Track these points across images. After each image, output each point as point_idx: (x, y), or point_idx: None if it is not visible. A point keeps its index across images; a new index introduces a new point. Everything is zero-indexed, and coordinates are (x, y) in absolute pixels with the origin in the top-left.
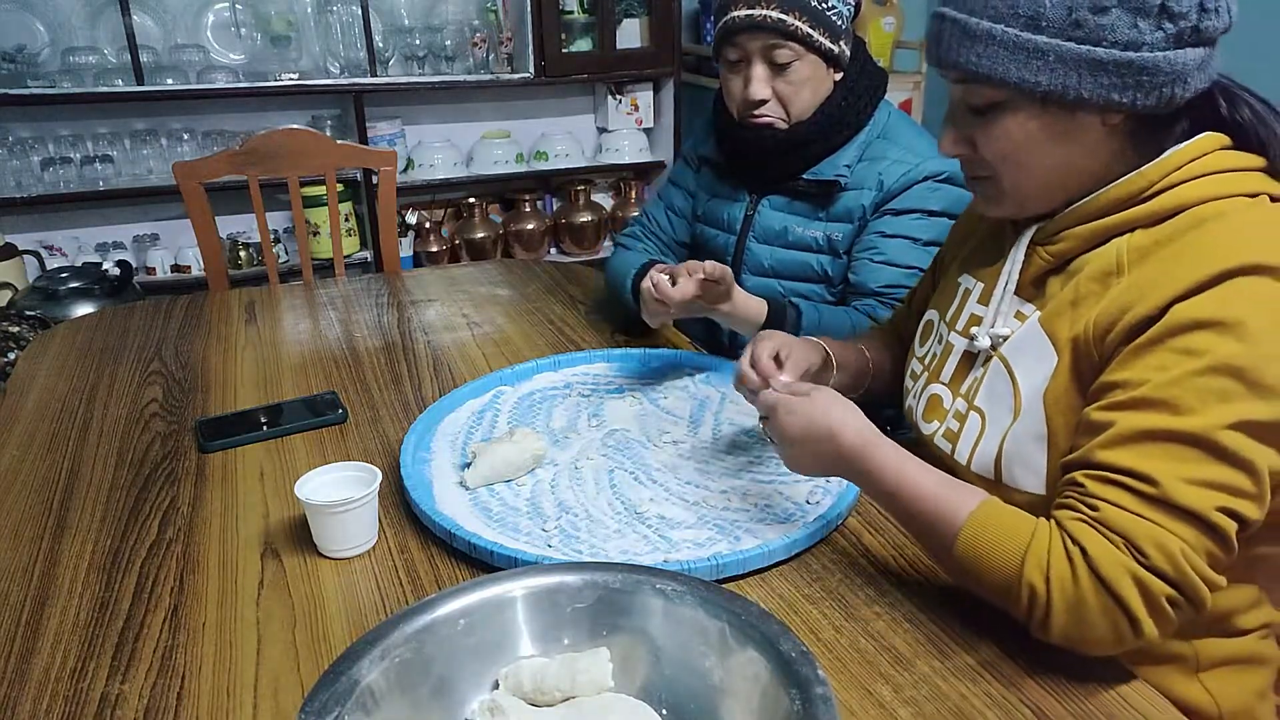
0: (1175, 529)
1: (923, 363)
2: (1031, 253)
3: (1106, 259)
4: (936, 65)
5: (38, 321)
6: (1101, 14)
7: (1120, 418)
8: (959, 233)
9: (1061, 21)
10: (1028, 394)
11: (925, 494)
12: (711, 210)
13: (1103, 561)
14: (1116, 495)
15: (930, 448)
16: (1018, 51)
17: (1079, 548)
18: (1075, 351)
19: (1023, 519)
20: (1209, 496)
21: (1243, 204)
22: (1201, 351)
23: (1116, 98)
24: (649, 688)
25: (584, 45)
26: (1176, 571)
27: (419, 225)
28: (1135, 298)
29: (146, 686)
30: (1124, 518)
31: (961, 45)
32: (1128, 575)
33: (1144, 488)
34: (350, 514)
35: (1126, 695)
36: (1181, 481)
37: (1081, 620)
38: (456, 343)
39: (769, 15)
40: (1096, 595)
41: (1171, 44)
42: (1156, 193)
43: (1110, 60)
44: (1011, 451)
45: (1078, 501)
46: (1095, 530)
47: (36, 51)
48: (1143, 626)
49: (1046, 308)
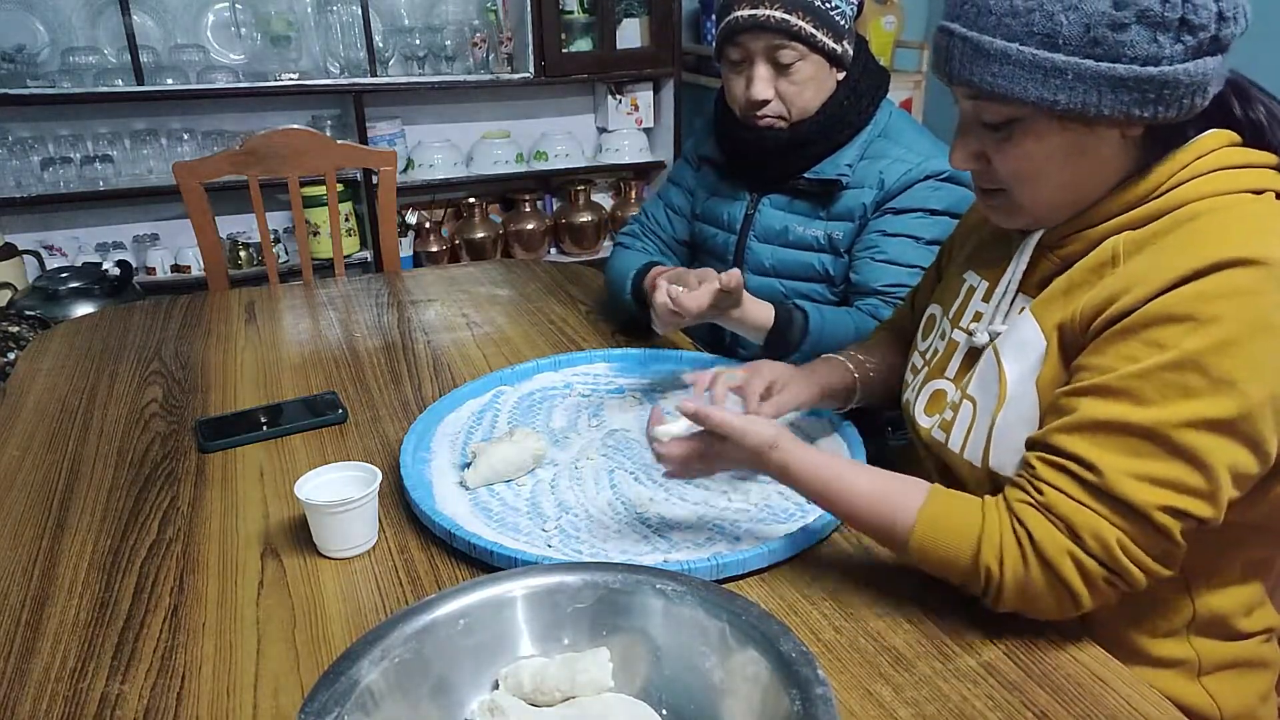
0: (1114, 520)
1: (924, 357)
2: (1039, 255)
3: (1103, 252)
4: (946, 81)
5: (38, 321)
6: (1120, 30)
7: (1081, 404)
8: (964, 228)
9: (1079, 39)
10: (1014, 379)
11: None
12: (711, 209)
13: (1046, 545)
14: (1062, 481)
15: (926, 440)
16: (1035, 71)
17: (1025, 530)
18: (1062, 337)
19: (970, 506)
20: (1154, 493)
21: (1244, 200)
22: (1169, 345)
23: (1138, 112)
24: (649, 688)
25: (584, 45)
26: (1111, 559)
27: (419, 225)
28: (1123, 288)
29: (146, 686)
30: (1066, 504)
31: (975, 64)
32: (1068, 557)
33: (1089, 476)
34: (350, 514)
35: (1129, 698)
36: (1128, 475)
37: (1030, 595)
38: (456, 343)
39: (772, 15)
40: (1042, 575)
41: (1191, 55)
42: (1162, 192)
43: (1131, 76)
44: (1001, 436)
45: (1028, 483)
46: (1040, 514)
47: (36, 51)
48: (1082, 600)
49: (1039, 296)
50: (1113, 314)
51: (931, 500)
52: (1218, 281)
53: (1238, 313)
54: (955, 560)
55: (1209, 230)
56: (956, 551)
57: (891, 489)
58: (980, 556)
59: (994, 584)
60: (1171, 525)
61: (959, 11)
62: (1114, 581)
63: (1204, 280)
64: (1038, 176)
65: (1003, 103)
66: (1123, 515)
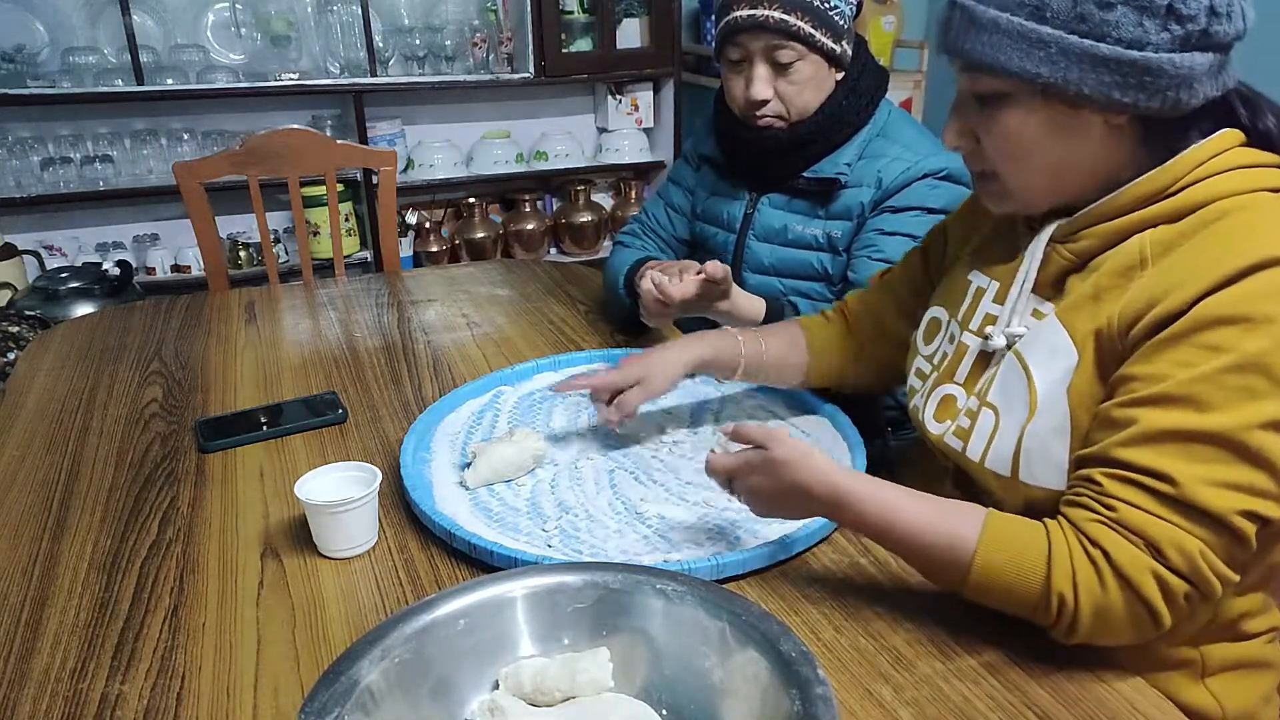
0: (1194, 530)
1: (931, 362)
2: (1051, 251)
3: (1129, 254)
4: (944, 53)
5: (38, 321)
6: (1107, 9)
7: (1141, 414)
8: (959, 227)
9: (1066, 14)
10: (1045, 389)
11: (920, 527)
12: (711, 208)
13: (1126, 563)
14: (1134, 495)
15: (940, 448)
16: (1020, 41)
17: (1100, 550)
18: (1099, 345)
19: (1034, 530)
20: (1231, 499)
21: (1266, 198)
22: (1226, 348)
23: (1119, 96)
24: (649, 688)
25: (584, 45)
26: (1194, 572)
27: (419, 225)
28: (1160, 292)
29: (146, 686)
30: (1142, 518)
31: (967, 33)
32: (1150, 574)
33: (1163, 488)
34: (350, 514)
35: (1132, 699)
36: (1202, 483)
37: (1107, 621)
38: (456, 343)
39: (771, 15)
40: (1121, 596)
41: (1178, 46)
42: (1179, 189)
43: (1113, 57)
44: (1031, 447)
45: (1094, 501)
46: (1114, 531)
47: (36, 51)
48: (1162, 619)
49: (1064, 302)
50: (1156, 319)
51: (991, 524)
52: (1264, 281)
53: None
54: (1022, 591)
55: (1241, 229)
56: (1024, 581)
57: (949, 513)
58: (1051, 583)
59: (1067, 612)
60: (1249, 530)
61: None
62: (1192, 596)
63: (1249, 280)
64: (1022, 156)
65: (989, 74)
66: (1202, 525)
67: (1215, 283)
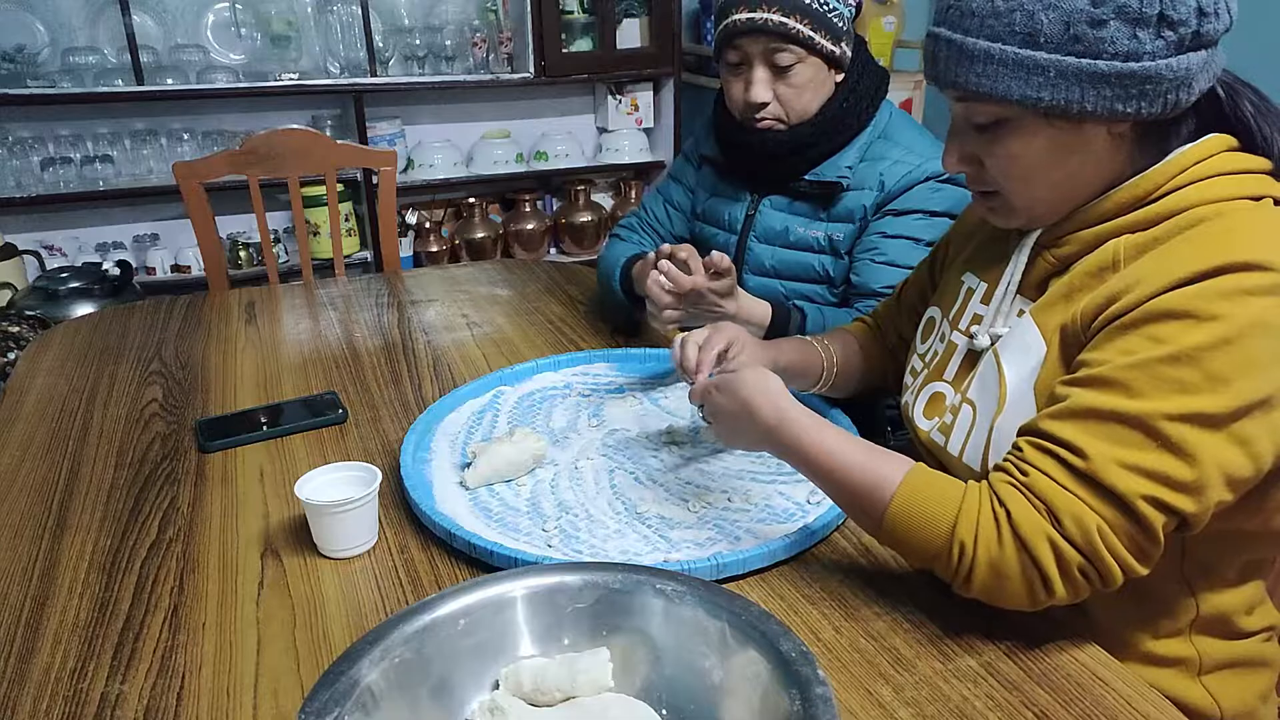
0: (1096, 506)
1: (924, 360)
2: (1036, 255)
3: (1103, 255)
4: (934, 84)
5: (38, 321)
6: (1099, 27)
7: (1074, 393)
8: (962, 230)
9: (1059, 37)
10: (1014, 384)
11: (849, 465)
12: (712, 209)
13: (1023, 523)
14: (1047, 464)
15: (926, 444)
16: (1018, 69)
17: (1004, 509)
18: (1063, 339)
19: (953, 484)
20: (1138, 483)
21: (1244, 206)
22: (1168, 340)
23: (1121, 108)
24: (649, 688)
25: (584, 45)
26: (1088, 546)
27: (419, 225)
28: (1123, 288)
29: (146, 686)
30: (1048, 485)
31: (959, 65)
32: (1045, 539)
33: (1074, 460)
34: (350, 514)
35: (1129, 698)
36: (1113, 463)
37: (1001, 576)
38: (456, 343)
39: (770, 18)
40: (1016, 554)
41: (1173, 51)
42: (1161, 196)
43: (1112, 72)
44: (999, 440)
45: (1013, 465)
46: (1021, 494)
47: (36, 51)
48: (1054, 586)
49: (1040, 302)
50: (1114, 311)
51: (914, 473)
52: (1220, 283)
53: (1238, 312)
54: (929, 535)
55: (1213, 234)
56: (932, 526)
57: (878, 460)
58: (955, 531)
59: (965, 561)
60: (1154, 517)
61: (944, 16)
62: (1088, 572)
63: (1208, 282)
64: (1029, 176)
65: (989, 102)
66: (1105, 502)
67: (1175, 281)
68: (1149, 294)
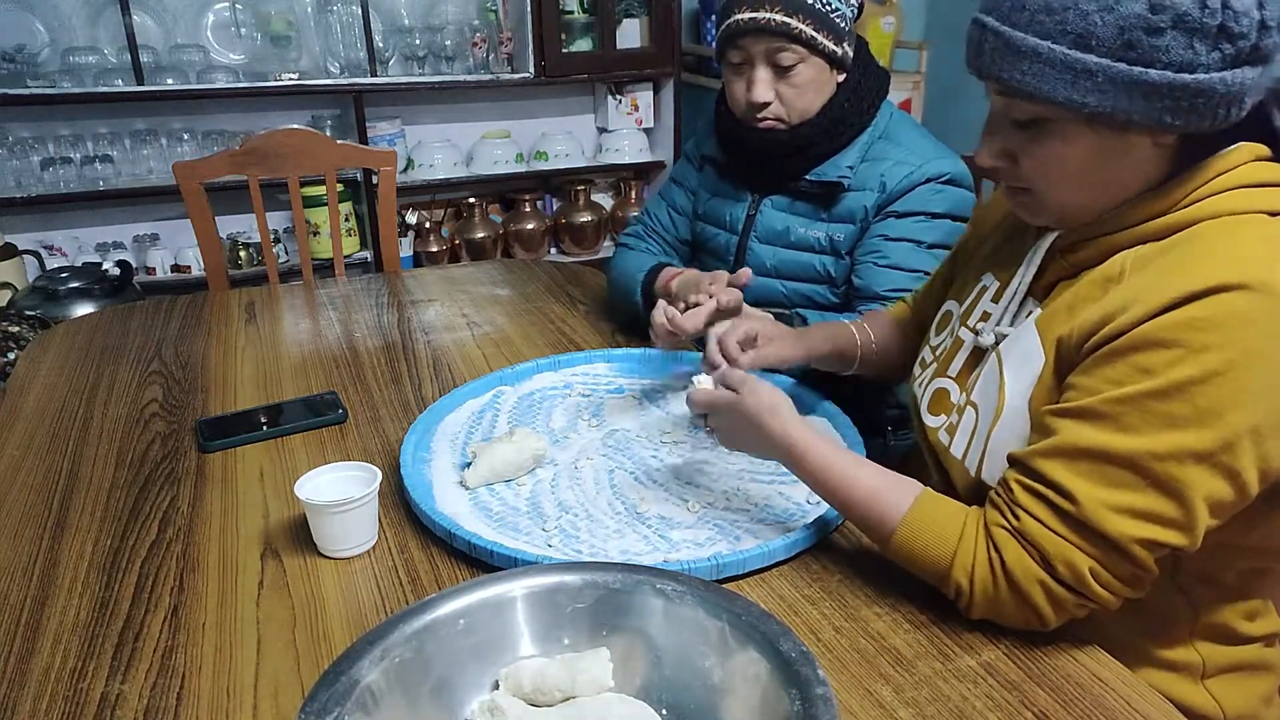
0: (1088, 550)
1: (934, 353)
2: (1050, 258)
3: (1111, 268)
4: (976, 74)
5: (38, 321)
6: (1156, 35)
7: (1064, 425)
8: (985, 226)
9: (1113, 41)
10: (1012, 394)
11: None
12: (713, 209)
13: (1017, 570)
14: (1038, 509)
15: (932, 441)
16: (1065, 71)
17: (999, 555)
18: (1059, 354)
19: (952, 520)
20: (1130, 525)
21: (1256, 220)
22: (1156, 372)
23: (1170, 120)
24: (649, 688)
25: (584, 45)
26: (1081, 586)
27: (419, 225)
28: (1116, 308)
29: (146, 686)
30: (1039, 531)
31: (1005, 59)
32: (1037, 583)
33: (1064, 505)
34: (350, 514)
35: (1131, 700)
36: (1104, 506)
37: (998, 612)
38: (456, 343)
39: (772, 18)
40: (1010, 597)
41: (1228, 64)
42: (1179, 206)
43: (1164, 83)
44: (994, 450)
45: (1005, 507)
46: (1014, 539)
47: (36, 51)
48: (1048, 620)
49: (1047, 309)
50: (1105, 335)
51: (917, 506)
52: (1212, 307)
53: (1228, 342)
54: (931, 568)
55: (1210, 250)
56: (933, 562)
57: (886, 487)
58: (953, 571)
59: (964, 598)
60: (1145, 557)
61: (994, 4)
62: (1083, 605)
63: (1198, 304)
64: (1065, 179)
65: (1031, 101)
66: (1097, 546)
67: (1166, 303)
68: (1139, 318)
